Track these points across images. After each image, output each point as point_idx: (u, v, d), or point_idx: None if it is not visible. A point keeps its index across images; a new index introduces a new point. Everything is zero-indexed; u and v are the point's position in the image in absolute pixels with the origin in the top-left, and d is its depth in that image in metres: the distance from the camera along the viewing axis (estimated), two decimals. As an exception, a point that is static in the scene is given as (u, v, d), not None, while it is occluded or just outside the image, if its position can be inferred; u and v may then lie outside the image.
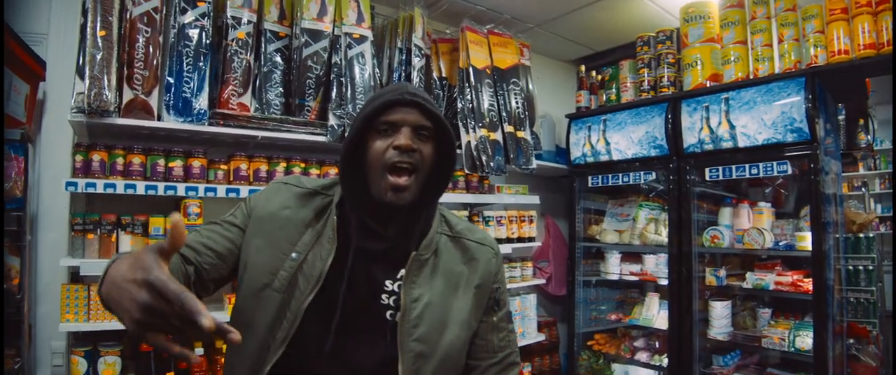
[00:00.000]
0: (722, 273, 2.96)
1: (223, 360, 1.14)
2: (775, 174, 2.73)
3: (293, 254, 1.07)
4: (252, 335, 1.04)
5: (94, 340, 2.23)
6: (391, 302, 1.07)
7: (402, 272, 1.08)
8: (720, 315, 2.95)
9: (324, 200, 1.15)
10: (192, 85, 2.34)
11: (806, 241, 2.67)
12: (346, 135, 2.59)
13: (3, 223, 1.86)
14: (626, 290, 3.71)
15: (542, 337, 3.51)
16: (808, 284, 2.66)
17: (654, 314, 3.28)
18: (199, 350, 2.37)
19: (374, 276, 1.08)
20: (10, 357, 2.06)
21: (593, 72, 3.81)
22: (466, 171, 3.02)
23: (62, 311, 2.14)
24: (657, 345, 3.35)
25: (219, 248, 1.09)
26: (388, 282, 1.09)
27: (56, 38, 2.48)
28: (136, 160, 2.27)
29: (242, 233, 1.12)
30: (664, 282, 3.18)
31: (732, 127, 2.81)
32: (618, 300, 3.74)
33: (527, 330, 3.37)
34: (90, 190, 2.15)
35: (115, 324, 2.16)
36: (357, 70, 2.71)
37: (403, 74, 2.94)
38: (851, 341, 2.91)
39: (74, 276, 2.27)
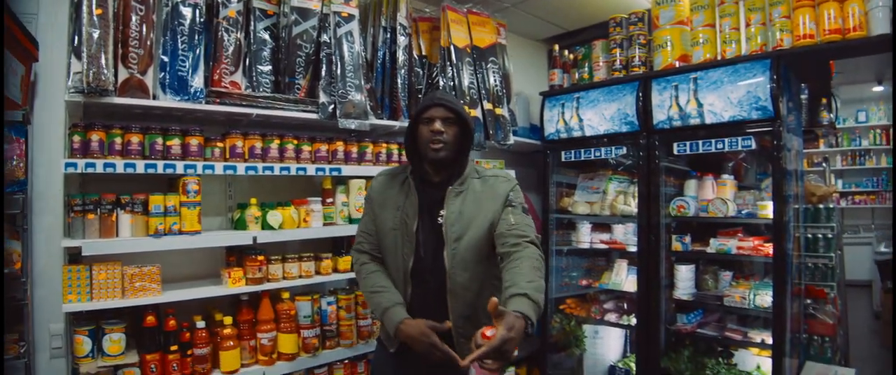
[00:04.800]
0: (687, 239, 3.14)
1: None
2: (739, 148, 2.89)
3: (398, 209, 1.92)
4: (395, 255, 1.91)
5: (97, 319, 2.23)
6: (442, 215, 1.87)
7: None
8: (685, 278, 3.16)
9: (402, 175, 1.99)
10: (187, 63, 2.35)
11: (767, 209, 2.86)
12: (336, 112, 2.69)
13: (3, 208, 1.87)
14: (594, 258, 3.85)
15: (515, 304, 3.60)
16: (768, 248, 2.84)
17: (623, 278, 3.46)
18: (201, 323, 2.40)
19: (435, 206, 1.89)
20: (13, 342, 2.06)
21: (566, 52, 3.88)
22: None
23: (65, 292, 2.13)
24: (625, 306, 3.53)
25: (372, 228, 2.01)
26: (441, 209, 1.88)
27: (46, 18, 2.41)
28: (135, 139, 2.28)
29: (373, 210, 2.01)
30: (633, 249, 3.35)
31: (700, 105, 2.95)
32: (587, 267, 3.86)
33: (502, 298, 3.44)
34: (90, 170, 2.15)
35: (118, 302, 2.18)
36: (346, 48, 2.76)
37: (388, 52, 3.00)
38: (809, 301, 3.15)
39: (74, 257, 2.25)
